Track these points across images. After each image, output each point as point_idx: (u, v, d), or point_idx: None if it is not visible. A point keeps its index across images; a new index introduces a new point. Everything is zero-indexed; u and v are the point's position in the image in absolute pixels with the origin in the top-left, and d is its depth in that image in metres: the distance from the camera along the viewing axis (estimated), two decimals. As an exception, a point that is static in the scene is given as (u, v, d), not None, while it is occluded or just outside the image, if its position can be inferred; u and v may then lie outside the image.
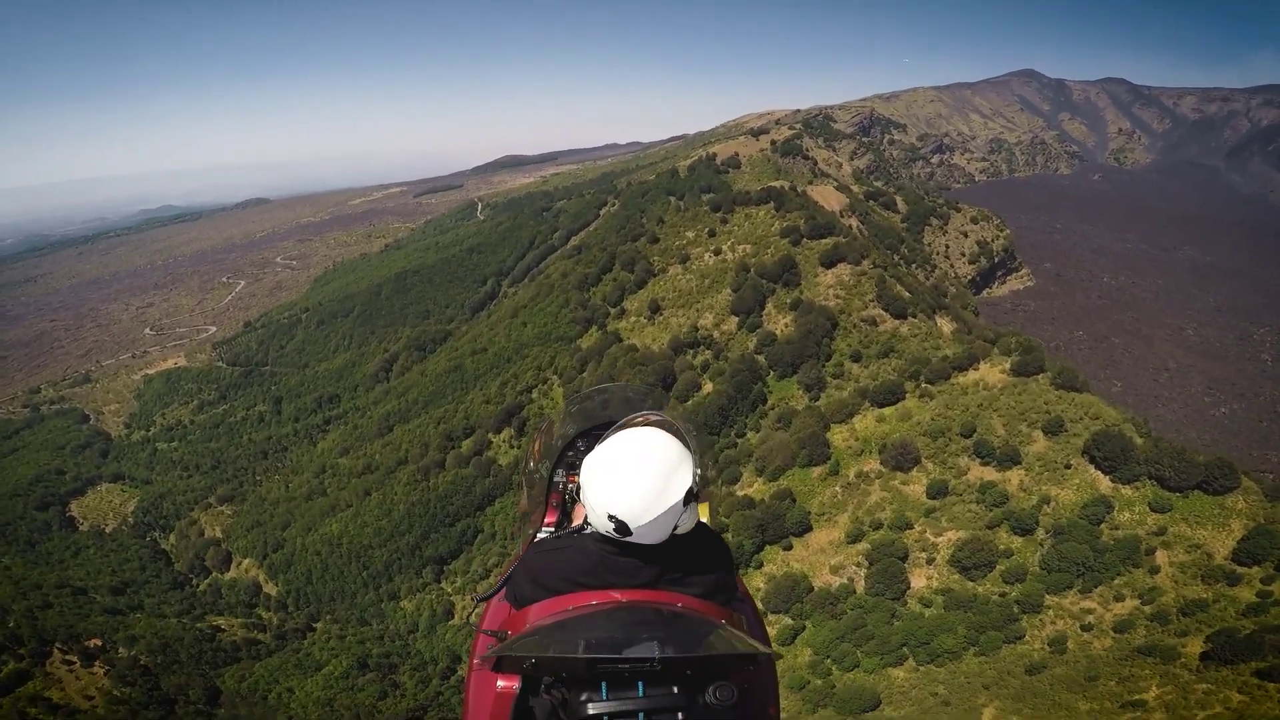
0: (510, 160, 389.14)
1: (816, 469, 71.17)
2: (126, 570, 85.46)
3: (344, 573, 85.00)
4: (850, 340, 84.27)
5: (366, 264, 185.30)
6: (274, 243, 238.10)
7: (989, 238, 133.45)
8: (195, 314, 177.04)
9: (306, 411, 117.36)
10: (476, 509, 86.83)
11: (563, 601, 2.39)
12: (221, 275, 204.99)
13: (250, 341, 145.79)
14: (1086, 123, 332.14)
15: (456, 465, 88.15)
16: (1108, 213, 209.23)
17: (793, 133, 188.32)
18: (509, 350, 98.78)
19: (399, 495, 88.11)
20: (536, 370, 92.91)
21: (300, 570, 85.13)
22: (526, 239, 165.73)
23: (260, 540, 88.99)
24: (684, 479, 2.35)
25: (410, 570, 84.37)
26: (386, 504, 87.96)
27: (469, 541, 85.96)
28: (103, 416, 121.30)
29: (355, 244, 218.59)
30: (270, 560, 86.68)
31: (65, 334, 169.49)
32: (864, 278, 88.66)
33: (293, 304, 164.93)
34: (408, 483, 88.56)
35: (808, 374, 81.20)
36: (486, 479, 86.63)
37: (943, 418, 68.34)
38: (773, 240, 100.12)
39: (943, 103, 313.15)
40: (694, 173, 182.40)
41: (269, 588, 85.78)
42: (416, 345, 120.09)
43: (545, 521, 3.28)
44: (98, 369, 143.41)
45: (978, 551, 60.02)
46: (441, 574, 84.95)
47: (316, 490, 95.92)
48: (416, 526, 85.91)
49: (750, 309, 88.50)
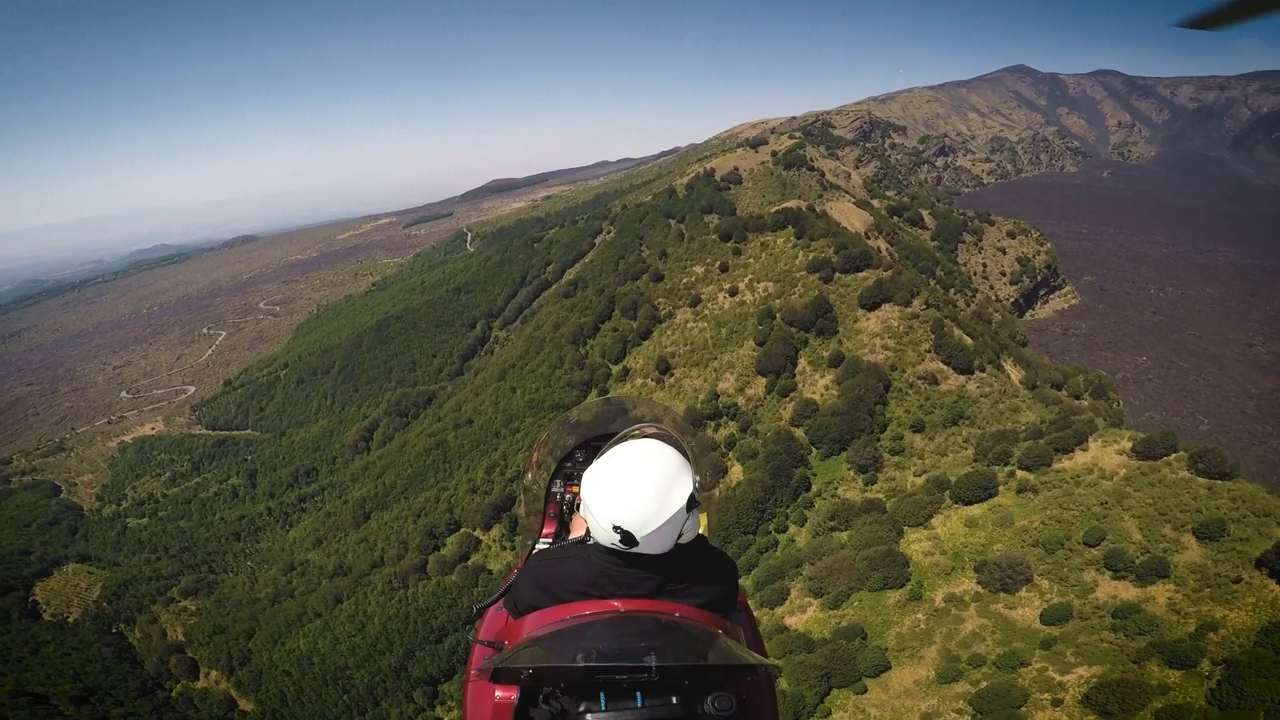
0: (500, 184, 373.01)
1: (892, 594, 53.44)
2: (90, 673, 71.39)
3: (321, 695, 68.41)
4: (908, 404, 66.66)
5: (351, 308, 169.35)
6: (259, 285, 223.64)
7: (1029, 253, 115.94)
8: (174, 372, 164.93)
9: (282, 487, 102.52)
10: (465, 623, 69.83)
11: (560, 611, 2.33)
12: (203, 325, 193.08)
13: (229, 404, 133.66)
14: (1085, 117, 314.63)
15: (440, 570, 70.66)
16: (1128, 213, 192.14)
17: (794, 142, 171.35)
18: (496, 423, 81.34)
19: (374, 606, 71.00)
20: (528, 450, 75.13)
21: (272, 690, 68.63)
22: (517, 275, 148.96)
23: (224, 651, 73.79)
24: (685, 487, 2.32)
25: (398, 694, 67.48)
26: (359, 616, 70.98)
27: (463, 660, 67.88)
28: (75, 488, 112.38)
29: (341, 283, 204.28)
30: (238, 676, 71.15)
31: (40, 400, 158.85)
32: (917, 322, 71.06)
33: (273, 358, 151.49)
34: (383, 591, 71.22)
35: (860, 452, 63.53)
36: (475, 588, 69.01)
37: (1057, 521, 50.63)
38: (798, 276, 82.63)
39: (939, 102, 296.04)
40: (693, 191, 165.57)
41: (244, 703, 69.55)
42: (398, 411, 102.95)
43: (543, 532, 3.19)
44: (72, 436, 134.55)
45: (1123, 691, 42.29)
46: (435, 697, 67.84)
47: (284, 590, 79.13)
48: (397, 644, 68.85)
49: (780, 367, 70.85)
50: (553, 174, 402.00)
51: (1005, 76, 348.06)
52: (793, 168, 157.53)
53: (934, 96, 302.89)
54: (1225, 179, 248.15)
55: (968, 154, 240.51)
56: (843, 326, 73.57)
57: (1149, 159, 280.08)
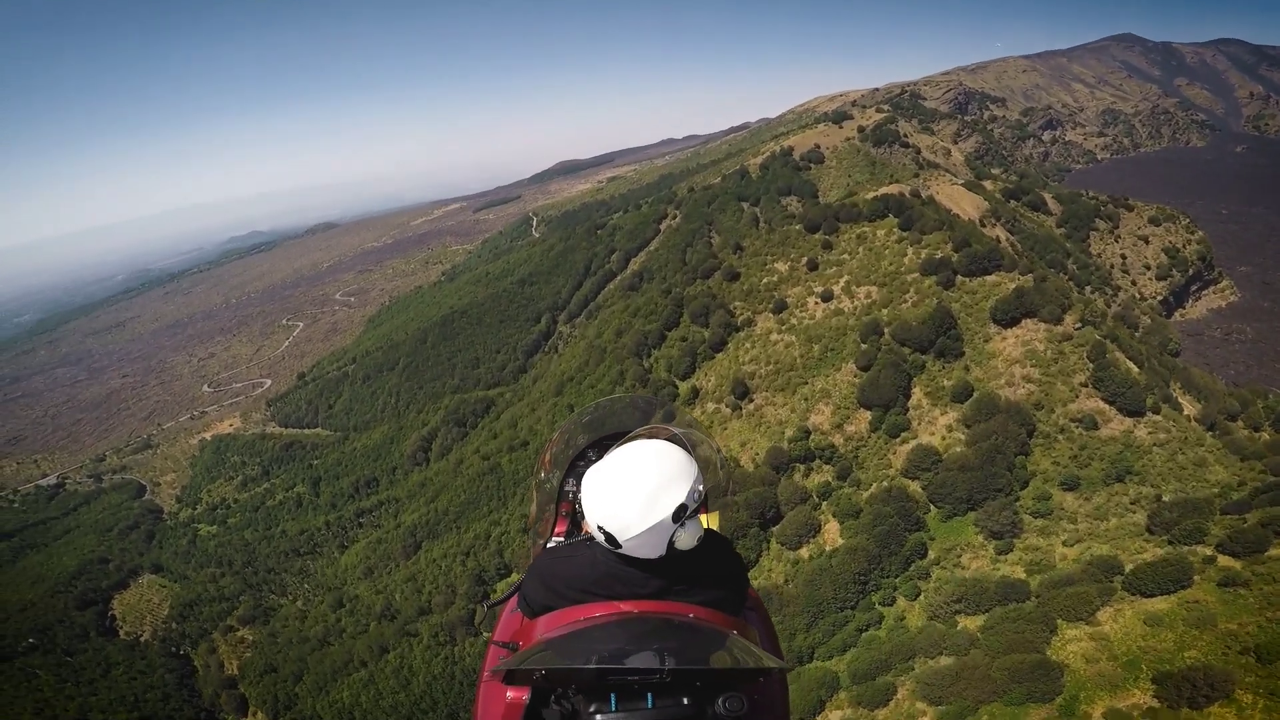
0: (566, 166, 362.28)
1: (1036, 709, 39.06)
2: (149, 700, 69.49)
3: (365, 755, 61.00)
4: (1057, 454, 50.82)
5: (419, 300, 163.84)
6: (336, 275, 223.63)
7: (1178, 243, 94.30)
8: (252, 365, 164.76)
9: (343, 498, 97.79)
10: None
11: (573, 613, 2.26)
12: (283, 316, 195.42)
13: (300, 401, 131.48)
14: (1209, 88, 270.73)
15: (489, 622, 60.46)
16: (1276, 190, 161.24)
17: (883, 116, 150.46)
18: (553, 446, 70.15)
19: (419, 661, 62.52)
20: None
21: (317, 743, 62.06)
22: (581, 264, 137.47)
23: (272, 692, 68.31)
24: (676, 495, 2.18)
25: (440, 761, 58.88)
26: (404, 671, 62.85)
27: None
28: (159, 488, 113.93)
29: (413, 272, 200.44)
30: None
31: (132, 393, 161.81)
32: (1069, 346, 54.51)
33: (344, 351, 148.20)
34: (429, 645, 62.20)
35: (994, 515, 48.45)
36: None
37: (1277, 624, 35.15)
38: (909, 279, 66.80)
39: (1038, 72, 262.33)
40: (768, 172, 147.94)
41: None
42: (456, 420, 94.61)
43: (555, 531, 3.09)
44: (159, 432, 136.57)
45: None
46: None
47: (333, 630, 72.26)
48: (441, 704, 60.15)
49: (889, 399, 55.98)
50: (618, 153, 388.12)
51: (1110, 46, 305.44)
52: (883, 144, 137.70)
53: (1031, 66, 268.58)
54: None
55: (1077, 127, 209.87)
56: (969, 347, 57.75)
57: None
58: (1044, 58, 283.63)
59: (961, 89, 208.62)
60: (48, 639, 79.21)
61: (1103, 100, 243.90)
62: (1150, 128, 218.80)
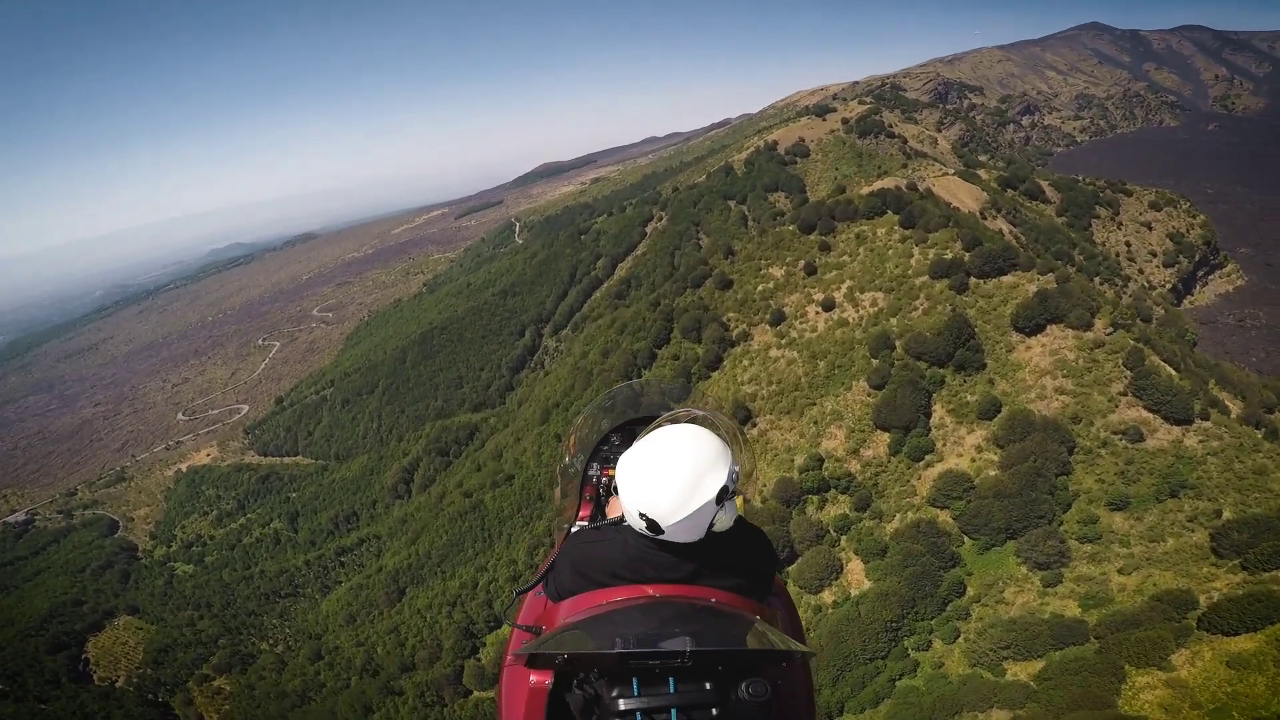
0: (549, 168, 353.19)
1: None
2: None
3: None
4: (1101, 471, 45.01)
5: (399, 315, 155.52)
6: (315, 288, 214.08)
7: (1181, 228, 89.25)
8: (228, 390, 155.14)
9: (322, 535, 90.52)
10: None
11: (596, 597, 2.23)
12: (259, 335, 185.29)
13: (279, 427, 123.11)
14: (1176, 73, 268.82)
15: (478, 681, 53.93)
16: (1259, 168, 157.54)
17: (867, 107, 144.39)
18: (539, 480, 63.51)
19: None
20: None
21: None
22: (565, 272, 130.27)
23: None
24: (718, 478, 2.15)
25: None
26: (387, 740, 55.59)
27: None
28: (132, 524, 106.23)
29: (393, 284, 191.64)
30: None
31: (105, 423, 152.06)
32: (1102, 353, 48.71)
33: (322, 373, 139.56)
34: (415, 706, 55.35)
35: (1037, 544, 42.61)
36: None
37: None
38: (918, 283, 60.72)
39: (1012, 61, 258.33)
40: (753, 168, 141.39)
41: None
42: (438, 449, 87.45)
43: (580, 515, 3.04)
44: (133, 465, 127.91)
45: None
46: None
47: (312, 684, 64.91)
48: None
49: (909, 419, 49.92)
50: (600, 154, 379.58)
51: (1080, 34, 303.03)
52: (868, 135, 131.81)
53: (1006, 56, 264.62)
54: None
55: (1053, 112, 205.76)
56: (991, 359, 51.82)
57: (1258, 110, 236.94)
58: (1017, 47, 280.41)
59: (940, 80, 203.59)
60: (18, 685, 72.64)
61: (1075, 86, 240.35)
62: (1124, 110, 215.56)
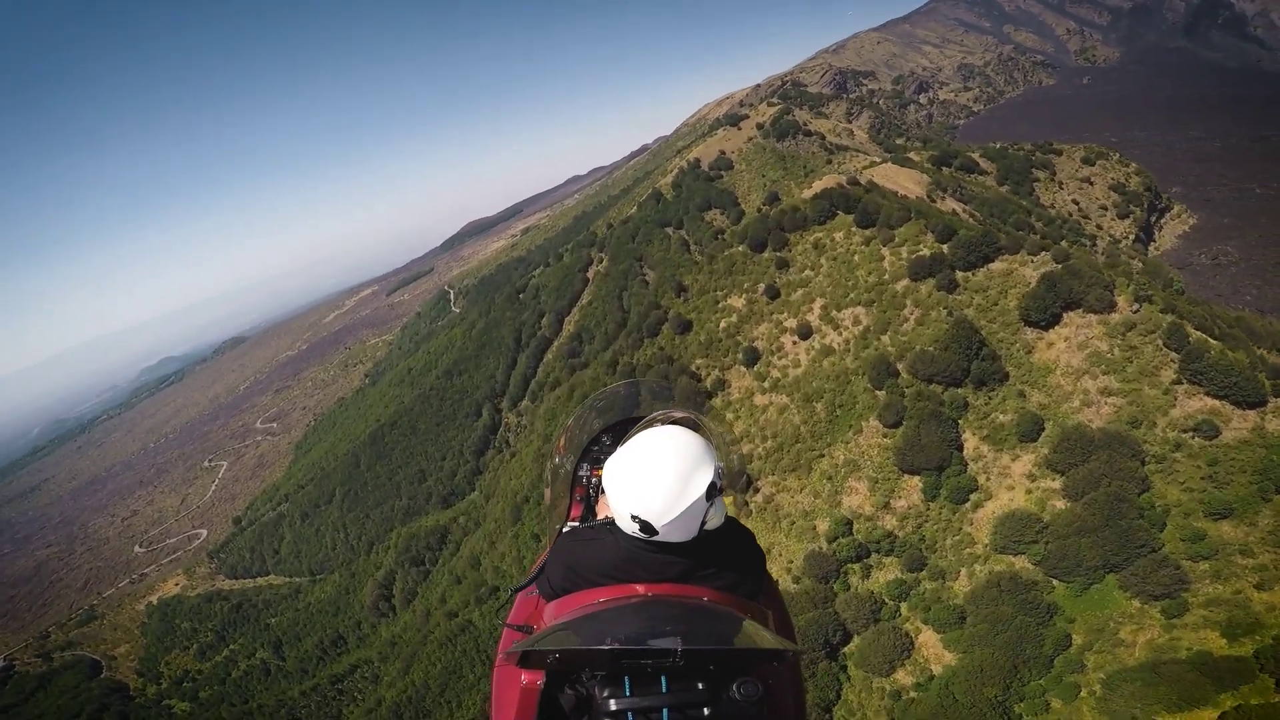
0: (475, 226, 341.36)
1: None
2: None
3: None
4: (1185, 478, 36.96)
5: (344, 415, 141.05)
6: (253, 398, 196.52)
7: (1120, 178, 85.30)
8: (181, 517, 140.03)
9: (311, 661, 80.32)
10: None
11: (588, 595, 2.18)
12: (204, 457, 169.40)
13: (242, 548, 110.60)
14: (1033, 31, 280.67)
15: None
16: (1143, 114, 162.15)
17: (777, 108, 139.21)
18: (529, 601, 52.40)
19: None
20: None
21: None
22: (509, 338, 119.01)
23: None
24: (705, 475, 2.11)
25: None
26: None
27: None
28: (115, 662, 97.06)
29: (333, 380, 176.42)
30: None
31: (61, 563, 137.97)
32: (1136, 335, 41.11)
33: (275, 487, 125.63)
34: None
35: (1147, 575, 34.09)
36: None
37: None
38: (900, 288, 52.61)
39: (890, 42, 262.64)
40: (682, 190, 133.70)
41: None
42: (412, 560, 75.60)
43: (570, 515, 2.93)
44: (101, 602, 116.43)
45: None
46: None
47: None
48: None
49: (942, 458, 41.09)
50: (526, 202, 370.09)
51: (939, 6, 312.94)
52: (786, 137, 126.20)
53: (883, 37, 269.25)
54: (1203, 66, 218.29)
55: (943, 86, 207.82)
56: (1011, 365, 43.68)
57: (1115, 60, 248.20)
58: (889, 27, 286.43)
59: (834, 70, 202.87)
60: None
61: (954, 57, 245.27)
62: (1004, 75, 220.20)
